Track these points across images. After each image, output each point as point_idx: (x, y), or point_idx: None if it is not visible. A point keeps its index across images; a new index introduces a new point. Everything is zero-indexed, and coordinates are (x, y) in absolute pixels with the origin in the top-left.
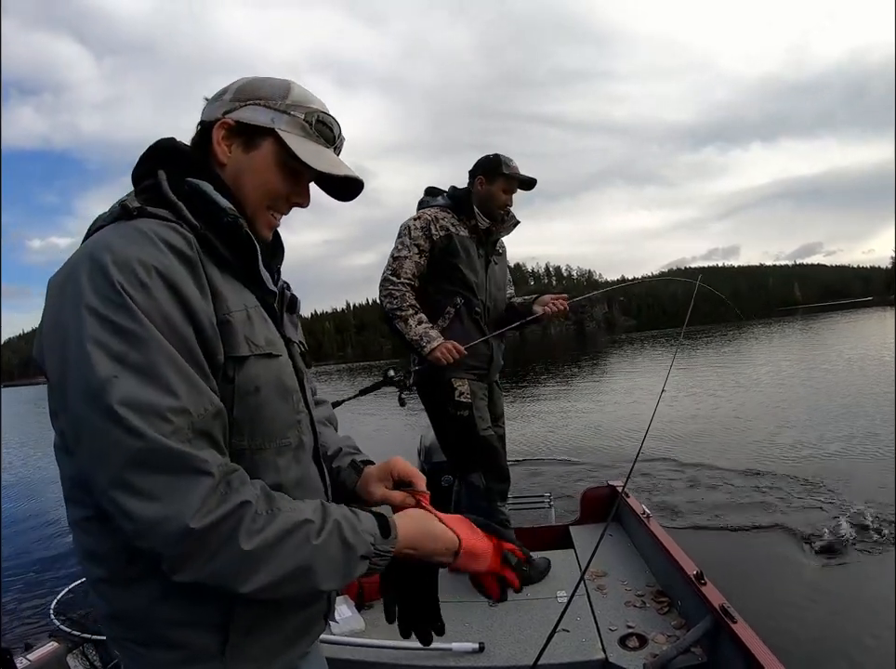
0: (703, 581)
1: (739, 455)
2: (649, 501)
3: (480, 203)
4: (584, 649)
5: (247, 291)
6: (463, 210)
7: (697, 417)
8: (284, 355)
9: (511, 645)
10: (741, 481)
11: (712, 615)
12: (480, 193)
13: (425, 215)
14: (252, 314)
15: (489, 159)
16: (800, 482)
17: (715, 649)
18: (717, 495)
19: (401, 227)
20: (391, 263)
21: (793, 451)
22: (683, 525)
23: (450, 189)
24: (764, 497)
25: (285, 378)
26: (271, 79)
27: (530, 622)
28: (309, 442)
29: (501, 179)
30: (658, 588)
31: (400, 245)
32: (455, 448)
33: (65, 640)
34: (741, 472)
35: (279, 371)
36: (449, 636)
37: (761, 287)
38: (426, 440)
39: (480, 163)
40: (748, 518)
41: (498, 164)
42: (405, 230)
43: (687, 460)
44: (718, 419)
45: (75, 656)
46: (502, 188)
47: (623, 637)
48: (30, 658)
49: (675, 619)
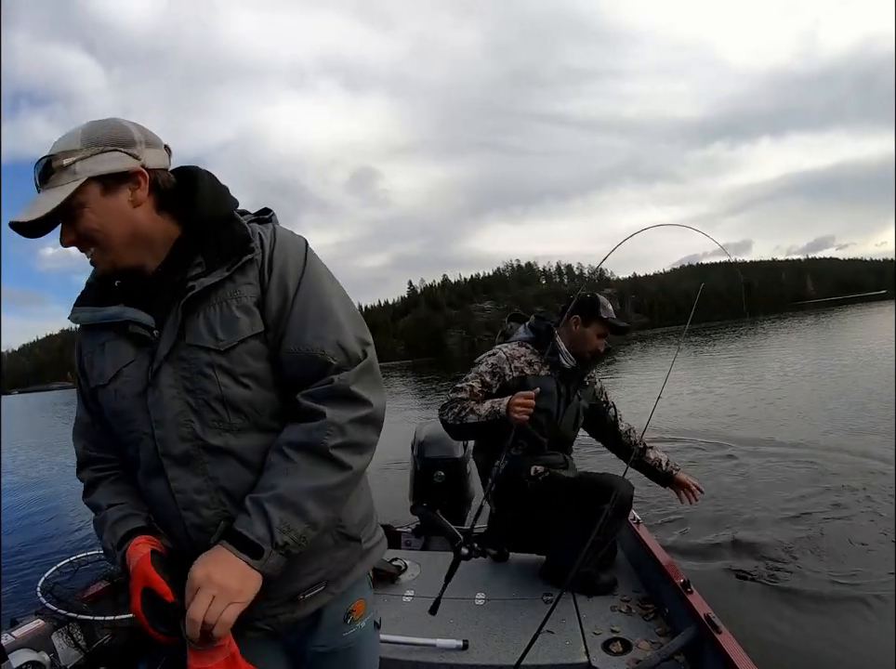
0: (689, 589)
1: (739, 453)
2: (639, 507)
3: (571, 343)
4: (567, 652)
5: (108, 330)
6: (545, 346)
7: (696, 417)
8: (114, 383)
9: (495, 644)
10: (739, 486)
11: (697, 624)
12: (573, 333)
13: (500, 351)
14: (97, 352)
15: (587, 300)
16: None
17: (698, 658)
18: (712, 502)
19: (480, 357)
20: (458, 385)
21: (794, 450)
22: (673, 531)
23: (533, 319)
24: (762, 506)
25: (114, 403)
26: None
27: (515, 622)
28: (147, 458)
29: (598, 323)
30: (644, 594)
31: (473, 373)
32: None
33: (51, 619)
34: (740, 474)
35: (108, 397)
36: (434, 633)
37: (774, 282)
38: (420, 435)
39: (577, 301)
40: (741, 526)
41: (597, 308)
42: (476, 366)
43: (683, 464)
44: (717, 419)
45: (60, 635)
46: (597, 331)
47: (607, 642)
48: (14, 634)
49: (660, 626)
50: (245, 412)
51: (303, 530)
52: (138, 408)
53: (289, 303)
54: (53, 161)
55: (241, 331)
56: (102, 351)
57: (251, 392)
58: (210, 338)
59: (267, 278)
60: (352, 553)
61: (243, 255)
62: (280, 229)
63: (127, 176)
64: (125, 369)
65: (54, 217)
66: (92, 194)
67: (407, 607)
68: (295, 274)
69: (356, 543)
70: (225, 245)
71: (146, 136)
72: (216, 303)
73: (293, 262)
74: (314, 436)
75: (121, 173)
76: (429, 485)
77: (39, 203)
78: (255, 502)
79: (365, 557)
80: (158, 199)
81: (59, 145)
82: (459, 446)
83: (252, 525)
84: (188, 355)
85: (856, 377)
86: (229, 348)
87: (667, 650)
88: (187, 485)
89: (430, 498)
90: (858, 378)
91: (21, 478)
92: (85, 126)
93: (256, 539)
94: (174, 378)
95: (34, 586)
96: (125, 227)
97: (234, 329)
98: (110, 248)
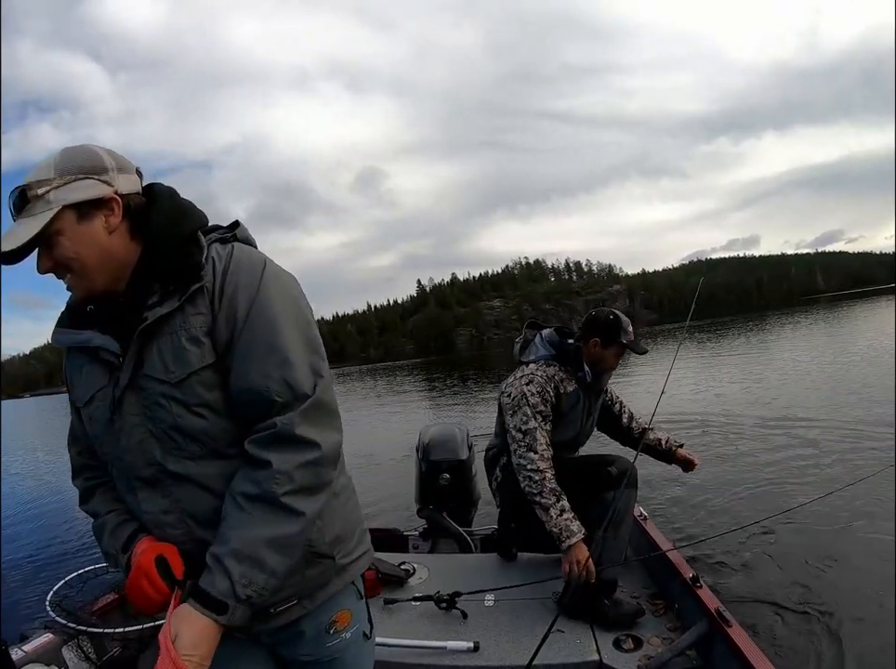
0: (698, 584)
1: (745, 446)
2: (646, 503)
3: (589, 361)
4: (579, 651)
5: (84, 354)
6: (570, 363)
7: (700, 414)
8: (89, 407)
9: (506, 645)
10: (745, 479)
11: (707, 619)
12: (591, 354)
13: (537, 377)
14: (76, 373)
15: (609, 322)
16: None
17: (709, 652)
18: (719, 497)
19: (514, 394)
20: (521, 439)
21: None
22: (680, 526)
23: (553, 336)
24: (770, 499)
25: (89, 427)
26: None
27: (525, 622)
28: (120, 477)
29: (617, 346)
30: (654, 590)
31: (524, 417)
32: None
33: (60, 632)
34: (744, 470)
35: (85, 419)
36: (444, 635)
37: (783, 277)
38: (424, 437)
39: (598, 323)
40: (746, 519)
41: (618, 332)
42: (522, 399)
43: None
44: (718, 415)
45: (70, 648)
46: (616, 353)
47: (618, 639)
48: (25, 649)
49: (670, 621)
50: (202, 440)
51: (264, 581)
52: (108, 432)
53: (236, 334)
54: (28, 190)
55: (190, 363)
56: (80, 374)
57: (206, 421)
58: (162, 370)
59: (217, 306)
60: (325, 570)
61: (192, 284)
62: (238, 249)
63: (101, 202)
64: (98, 394)
65: (31, 246)
66: (67, 222)
67: (417, 610)
68: (244, 302)
69: (328, 560)
70: (179, 271)
71: (118, 161)
72: (168, 333)
73: (243, 288)
74: (263, 487)
75: (94, 200)
76: (435, 487)
77: (15, 233)
78: (214, 558)
79: (342, 572)
80: (131, 223)
81: (33, 175)
82: (464, 448)
83: (214, 582)
84: (145, 384)
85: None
86: (180, 381)
87: (678, 646)
88: (154, 506)
89: (436, 500)
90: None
91: (35, 483)
92: (57, 155)
93: (220, 595)
94: (136, 407)
95: (43, 600)
96: (100, 253)
97: (184, 361)
98: (85, 274)
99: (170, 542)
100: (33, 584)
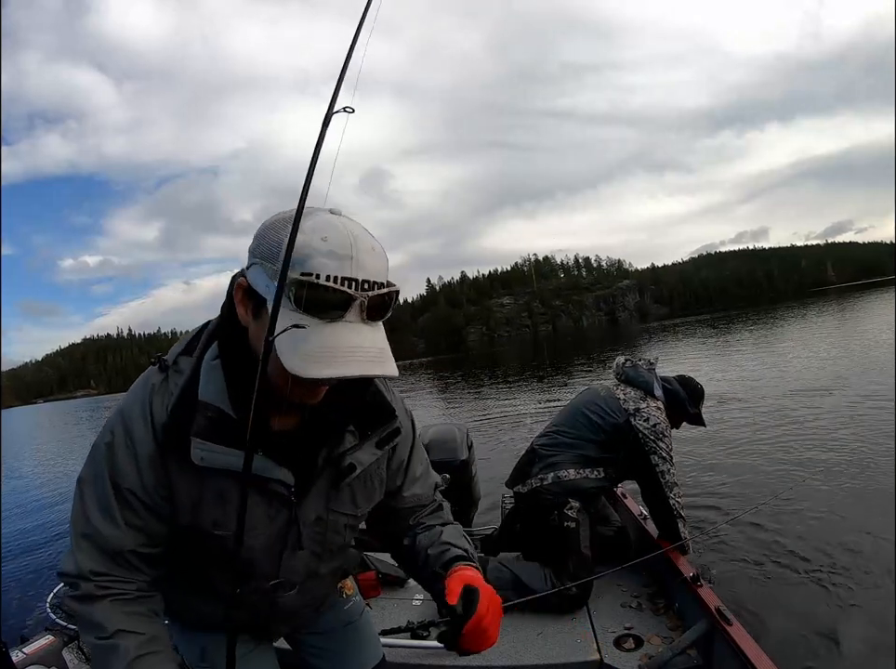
0: (698, 583)
1: (748, 442)
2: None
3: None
4: (580, 650)
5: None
6: (673, 410)
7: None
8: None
9: (508, 644)
10: (749, 479)
11: (708, 617)
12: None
13: (663, 413)
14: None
15: (699, 392)
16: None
17: (710, 651)
18: (719, 494)
19: (656, 422)
20: (671, 460)
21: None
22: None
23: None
24: (771, 496)
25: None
26: (276, 222)
27: (527, 621)
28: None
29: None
30: (654, 590)
31: (669, 442)
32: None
33: (61, 634)
34: (748, 468)
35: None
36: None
37: (794, 268)
38: (424, 438)
39: (698, 392)
40: (749, 517)
41: (700, 399)
42: (666, 428)
43: (688, 460)
44: (730, 413)
45: (71, 650)
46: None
47: (618, 638)
48: (25, 651)
49: (671, 620)
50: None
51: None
52: (267, 559)
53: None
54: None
55: (374, 500)
56: (221, 499)
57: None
58: (351, 506)
59: (391, 451)
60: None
61: (394, 436)
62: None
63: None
64: (258, 524)
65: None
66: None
67: (417, 611)
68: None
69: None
70: (376, 414)
71: None
72: (363, 477)
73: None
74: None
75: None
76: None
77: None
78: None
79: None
80: None
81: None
82: (464, 448)
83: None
84: (327, 517)
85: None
86: (363, 514)
87: (679, 645)
88: (296, 602)
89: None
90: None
91: (35, 483)
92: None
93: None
94: (313, 540)
95: (44, 602)
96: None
97: (372, 499)
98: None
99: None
100: (34, 586)
